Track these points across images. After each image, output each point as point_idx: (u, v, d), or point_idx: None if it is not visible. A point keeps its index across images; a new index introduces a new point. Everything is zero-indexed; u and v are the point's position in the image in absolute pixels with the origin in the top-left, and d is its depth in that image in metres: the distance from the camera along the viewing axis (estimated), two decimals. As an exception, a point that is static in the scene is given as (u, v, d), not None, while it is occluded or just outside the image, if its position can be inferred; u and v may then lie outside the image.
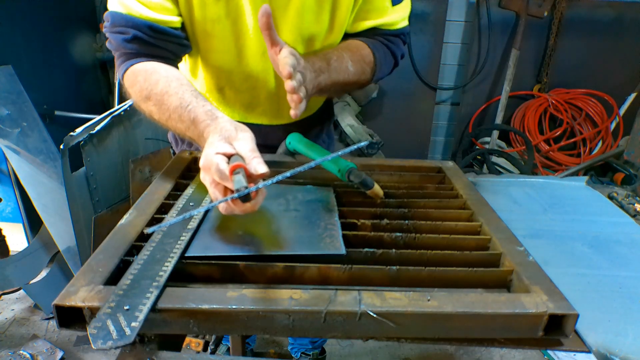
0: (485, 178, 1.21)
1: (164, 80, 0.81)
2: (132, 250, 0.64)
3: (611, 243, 0.89)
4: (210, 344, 1.80)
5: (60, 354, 1.80)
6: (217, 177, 0.61)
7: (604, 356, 0.59)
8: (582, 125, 3.17)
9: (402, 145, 3.25)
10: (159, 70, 0.84)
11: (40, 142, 1.66)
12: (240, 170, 0.60)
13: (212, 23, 0.91)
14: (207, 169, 0.63)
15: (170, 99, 0.78)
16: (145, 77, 0.83)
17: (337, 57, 0.92)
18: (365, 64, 0.99)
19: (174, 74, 0.84)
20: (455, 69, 3.08)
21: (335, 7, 0.94)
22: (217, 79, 1.03)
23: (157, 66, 0.86)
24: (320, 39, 0.98)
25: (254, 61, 0.98)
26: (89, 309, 0.52)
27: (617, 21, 3.03)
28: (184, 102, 0.77)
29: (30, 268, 1.99)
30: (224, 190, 0.63)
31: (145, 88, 0.82)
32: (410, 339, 0.58)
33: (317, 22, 0.94)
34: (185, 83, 0.82)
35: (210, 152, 0.63)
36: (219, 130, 0.68)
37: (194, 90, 0.80)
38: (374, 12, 0.99)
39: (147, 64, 0.86)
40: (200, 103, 0.76)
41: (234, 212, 0.63)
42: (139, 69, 0.86)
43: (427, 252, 0.68)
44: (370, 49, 1.00)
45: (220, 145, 0.65)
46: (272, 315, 0.53)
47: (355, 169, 0.84)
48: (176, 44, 0.90)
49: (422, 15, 3.00)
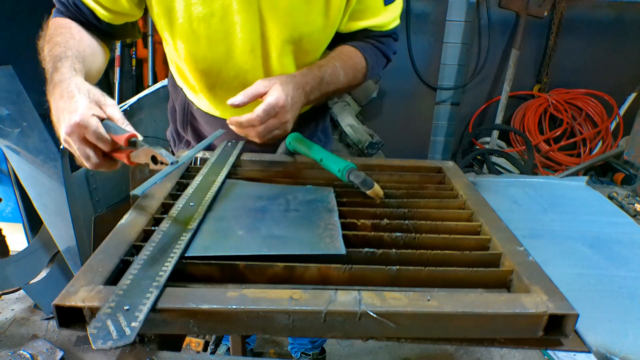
0: (485, 178, 1.21)
1: (67, 34, 0.87)
2: (132, 250, 0.64)
3: (611, 243, 0.89)
4: (210, 344, 1.80)
5: (60, 354, 1.80)
6: (93, 137, 0.68)
7: (604, 356, 0.59)
8: (582, 125, 3.17)
9: (402, 145, 3.25)
10: (71, 27, 0.90)
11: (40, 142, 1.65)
12: (135, 139, 0.69)
13: (199, 22, 0.91)
14: (82, 127, 0.68)
15: (57, 48, 0.83)
16: (56, 27, 0.90)
17: (332, 71, 0.97)
18: (357, 70, 1.04)
19: (81, 34, 0.90)
20: (455, 69, 3.08)
21: (327, 8, 0.94)
22: (207, 77, 1.03)
23: (72, 25, 0.91)
24: (311, 39, 0.98)
25: (242, 59, 0.98)
26: (89, 309, 0.52)
27: (617, 21, 3.03)
28: (63, 53, 0.81)
29: (30, 268, 2.00)
30: (94, 148, 0.70)
31: (49, 35, 0.88)
32: (410, 339, 0.58)
33: (307, 22, 0.95)
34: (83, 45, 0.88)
35: (86, 113, 0.68)
36: (85, 90, 0.73)
37: (85, 53, 0.86)
38: (367, 11, 1.00)
39: (68, 21, 0.92)
40: (75, 61, 0.81)
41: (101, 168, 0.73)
42: (58, 20, 0.92)
43: (427, 252, 0.68)
44: (362, 54, 1.04)
45: (93, 107, 0.70)
46: (272, 315, 0.53)
47: (355, 169, 0.84)
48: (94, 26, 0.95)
49: (422, 15, 3.00)
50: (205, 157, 1.01)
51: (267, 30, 0.94)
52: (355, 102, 3.06)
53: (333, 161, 0.88)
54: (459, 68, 3.07)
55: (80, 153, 0.71)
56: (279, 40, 0.96)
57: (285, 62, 1.00)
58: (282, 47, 0.97)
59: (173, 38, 0.96)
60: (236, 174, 0.95)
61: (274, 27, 0.94)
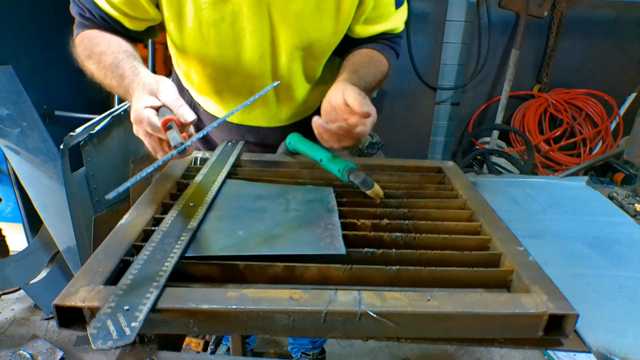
0: (485, 178, 1.21)
1: (105, 42, 0.88)
2: (132, 250, 0.64)
3: (611, 243, 0.89)
4: (210, 344, 1.80)
5: (60, 354, 1.80)
6: (149, 129, 0.68)
7: (604, 356, 0.59)
8: (582, 125, 3.16)
9: (402, 145, 3.25)
10: (104, 35, 0.91)
11: (40, 142, 1.66)
12: (171, 123, 0.68)
13: (209, 27, 0.91)
14: (139, 122, 0.69)
15: (106, 58, 0.84)
16: (90, 39, 0.90)
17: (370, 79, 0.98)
18: (383, 73, 1.07)
19: (116, 38, 0.90)
20: (455, 69, 3.08)
21: (337, 14, 0.94)
22: (215, 82, 1.03)
23: (104, 34, 0.92)
24: (320, 44, 0.99)
25: (251, 64, 0.98)
26: (89, 309, 0.52)
27: (617, 21, 3.03)
28: (116, 60, 0.83)
29: (30, 268, 1.99)
30: (158, 140, 0.70)
31: (87, 48, 0.89)
32: (410, 339, 0.58)
33: (317, 28, 0.95)
34: (124, 46, 0.88)
35: (140, 107, 0.69)
36: (142, 85, 0.74)
37: (130, 51, 0.86)
38: (381, 17, 1.02)
39: (96, 31, 0.92)
40: (129, 60, 0.82)
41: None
42: (88, 33, 0.93)
43: (427, 252, 0.68)
44: (384, 56, 1.07)
45: (146, 98, 0.71)
46: (272, 315, 0.53)
47: (355, 169, 0.84)
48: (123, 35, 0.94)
49: (422, 15, 3.00)
50: (205, 157, 1.01)
51: (277, 36, 0.94)
52: (355, 102, 3.06)
53: (333, 161, 0.88)
54: (459, 68, 3.07)
55: (149, 147, 0.72)
56: (288, 46, 0.96)
57: (293, 68, 1.01)
58: (292, 52, 0.97)
59: (182, 42, 0.96)
60: (236, 174, 0.95)
61: (284, 33, 0.94)
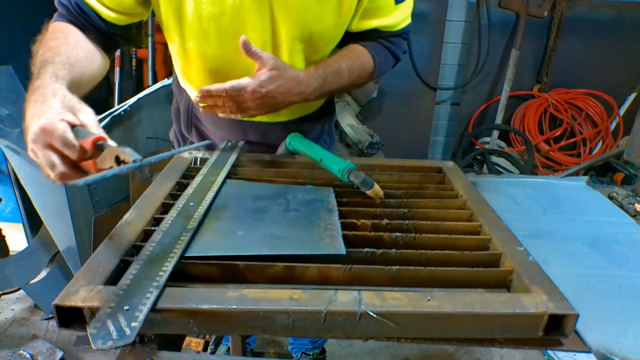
0: (485, 178, 1.21)
1: (62, 39, 0.85)
2: (132, 250, 0.64)
3: (611, 243, 0.89)
4: (210, 344, 1.80)
5: (60, 354, 1.80)
6: (59, 143, 0.62)
7: (604, 356, 0.59)
8: (582, 125, 3.16)
9: (402, 145, 3.25)
10: (70, 32, 0.88)
11: (40, 142, 1.66)
12: (102, 142, 0.62)
13: (209, 21, 0.91)
14: (48, 133, 0.62)
15: (47, 52, 0.80)
16: (53, 31, 0.88)
17: (337, 71, 0.97)
18: (364, 70, 1.04)
19: (78, 41, 0.88)
20: (455, 69, 3.08)
21: (339, 6, 0.94)
22: (215, 76, 1.03)
23: (71, 29, 0.89)
24: (321, 37, 0.98)
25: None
26: (89, 309, 0.52)
27: (617, 21, 3.03)
28: (50, 59, 0.77)
29: (30, 268, 2.00)
30: (60, 155, 0.63)
31: (45, 38, 0.86)
32: (410, 339, 0.58)
33: (318, 21, 0.94)
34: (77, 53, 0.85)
35: (54, 117, 0.63)
36: (61, 96, 0.68)
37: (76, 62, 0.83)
38: (379, 10, 1.01)
39: (68, 25, 0.90)
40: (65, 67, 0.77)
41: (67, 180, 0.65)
42: (58, 25, 0.90)
43: (427, 252, 0.68)
44: (371, 54, 1.04)
45: (64, 112, 0.65)
46: (272, 315, 0.53)
47: (355, 169, 0.84)
48: (97, 29, 0.93)
49: (422, 15, 3.00)
50: (205, 157, 1.01)
51: (278, 29, 0.94)
52: (355, 102, 3.06)
53: (333, 161, 0.88)
54: (459, 68, 3.07)
55: (45, 161, 0.63)
56: (289, 39, 0.95)
57: (295, 61, 1.00)
58: (293, 45, 0.97)
59: (181, 38, 0.96)
60: (236, 174, 0.95)
61: (285, 26, 0.93)
